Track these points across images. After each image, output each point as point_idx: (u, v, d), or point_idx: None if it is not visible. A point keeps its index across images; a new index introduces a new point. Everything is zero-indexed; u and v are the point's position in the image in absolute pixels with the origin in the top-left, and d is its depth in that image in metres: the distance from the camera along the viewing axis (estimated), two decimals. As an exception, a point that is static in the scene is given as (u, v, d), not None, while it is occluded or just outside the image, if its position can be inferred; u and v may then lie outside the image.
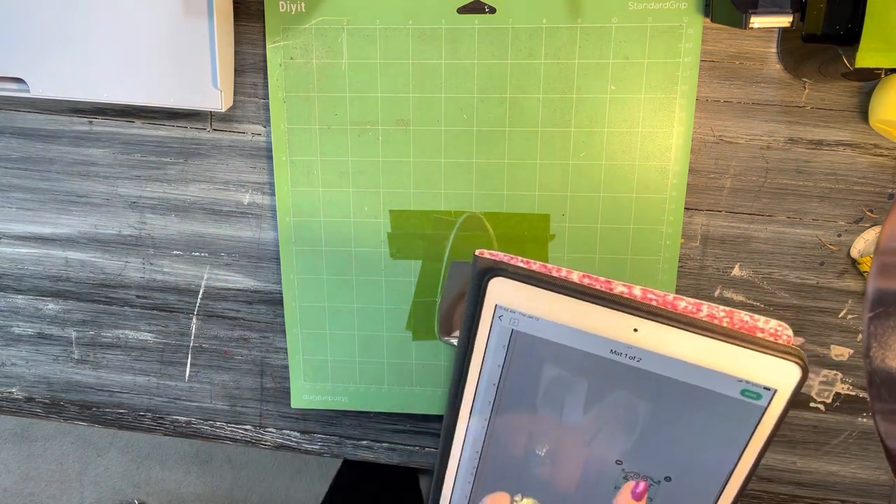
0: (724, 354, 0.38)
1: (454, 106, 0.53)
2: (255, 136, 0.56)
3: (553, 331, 0.41)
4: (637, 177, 0.53)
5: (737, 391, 0.39)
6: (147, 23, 0.50)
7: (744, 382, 0.39)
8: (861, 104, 0.51)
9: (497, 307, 0.42)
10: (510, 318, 0.42)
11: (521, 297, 0.41)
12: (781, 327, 0.38)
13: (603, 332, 0.40)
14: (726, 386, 0.39)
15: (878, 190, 0.52)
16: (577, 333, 0.41)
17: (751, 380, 0.39)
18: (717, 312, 0.39)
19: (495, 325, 0.42)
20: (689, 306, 0.39)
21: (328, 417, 0.61)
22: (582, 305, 0.40)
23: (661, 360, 0.40)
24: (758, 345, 0.38)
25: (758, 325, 0.38)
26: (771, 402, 0.39)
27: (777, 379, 0.38)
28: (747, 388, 0.39)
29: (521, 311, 0.41)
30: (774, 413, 0.39)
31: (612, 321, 0.40)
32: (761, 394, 0.39)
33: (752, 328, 0.38)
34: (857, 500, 0.59)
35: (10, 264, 0.61)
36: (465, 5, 0.51)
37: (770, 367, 0.38)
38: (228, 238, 0.58)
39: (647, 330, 0.39)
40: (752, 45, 0.51)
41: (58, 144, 0.58)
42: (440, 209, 0.55)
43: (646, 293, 0.40)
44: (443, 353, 0.58)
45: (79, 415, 0.64)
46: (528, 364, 0.43)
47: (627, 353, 0.40)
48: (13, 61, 0.51)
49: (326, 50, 0.53)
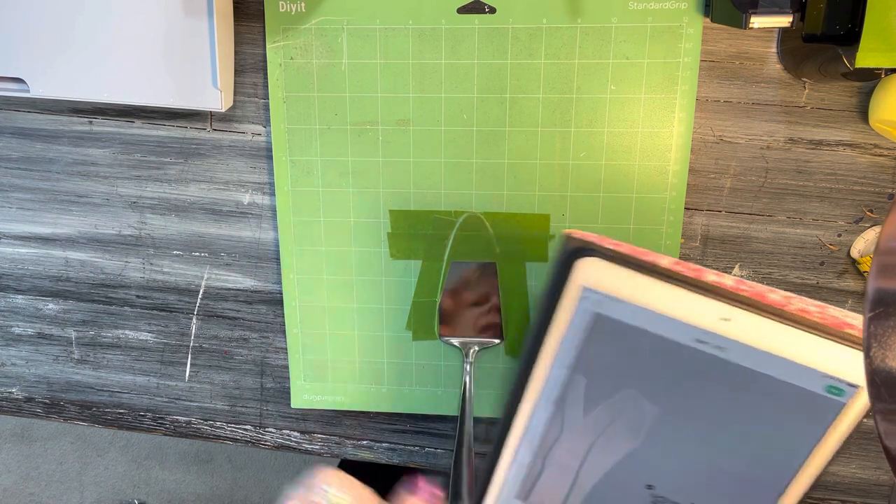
0: (812, 348, 0.38)
1: (454, 106, 0.53)
2: (255, 136, 0.56)
3: (639, 315, 0.40)
4: (637, 177, 0.53)
5: (821, 387, 0.38)
6: (147, 23, 0.50)
7: (829, 378, 0.38)
8: (861, 104, 0.51)
9: (583, 288, 0.41)
10: (595, 301, 0.41)
11: (610, 279, 0.40)
12: None
13: (691, 320, 0.39)
14: (811, 381, 0.38)
15: (878, 190, 0.52)
16: (664, 319, 0.40)
17: (837, 375, 0.38)
18: (809, 307, 0.38)
19: (578, 308, 0.41)
20: (779, 298, 0.38)
21: (328, 417, 0.61)
22: (673, 290, 0.39)
23: (746, 351, 0.39)
24: (848, 340, 0.37)
25: (847, 320, 0.38)
26: (852, 400, 0.38)
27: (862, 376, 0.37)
28: (833, 385, 0.38)
29: (607, 293, 0.40)
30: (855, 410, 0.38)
31: (702, 308, 0.39)
32: (845, 390, 0.38)
33: (841, 323, 0.38)
34: (857, 500, 0.59)
35: (10, 264, 0.61)
36: (465, 5, 0.51)
37: (858, 362, 0.37)
38: (228, 238, 0.58)
39: (738, 319, 0.38)
40: (752, 45, 0.51)
41: (58, 144, 0.58)
42: (440, 209, 0.55)
43: (738, 283, 0.39)
44: (443, 353, 0.58)
45: (79, 415, 0.64)
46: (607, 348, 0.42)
47: (713, 343, 0.39)
48: (13, 61, 0.51)
49: (326, 50, 0.53)
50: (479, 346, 0.56)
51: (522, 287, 0.56)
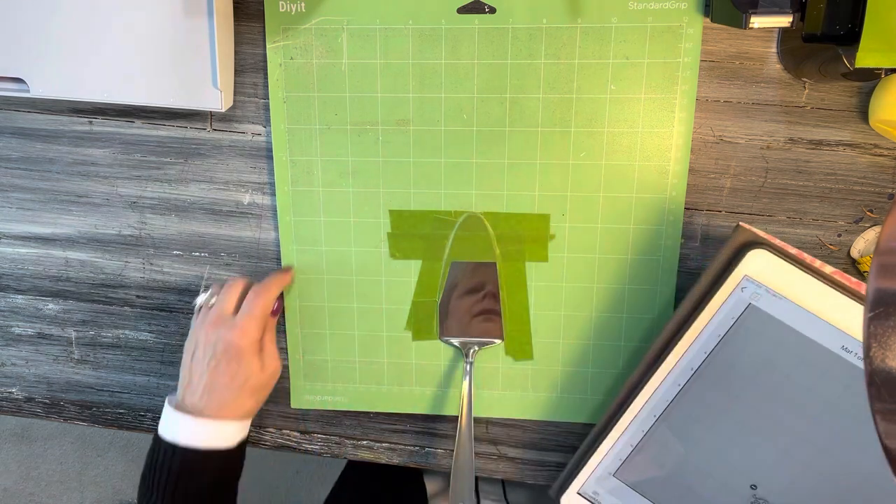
0: None
1: (454, 106, 0.53)
2: (255, 136, 0.56)
3: (791, 313, 0.41)
4: (637, 177, 0.53)
5: None
6: (147, 23, 0.50)
7: None
8: (861, 104, 0.51)
9: (745, 278, 0.42)
10: (752, 292, 0.42)
11: (774, 274, 0.41)
12: None
13: (843, 327, 0.40)
14: None
15: (878, 190, 0.52)
16: (816, 322, 0.41)
17: None
18: None
19: (734, 296, 0.43)
20: None
21: (328, 417, 0.61)
22: (834, 295, 0.40)
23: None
24: None
25: None
26: None
27: None
28: None
29: (768, 286, 0.42)
30: None
31: (856, 318, 0.40)
32: None
33: None
34: (857, 500, 0.58)
35: (10, 264, 0.61)
36: (465, 5, 0.51)
37: None
38: (228, 238, 0.58)
39: None
40: (752, 45, 0.51)
41: (58, 144, 0.58)
42: (440, 209, 0.55)
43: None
44: (442, 353, 0.58)
45: (79, 415, 0.64)
46: (750, 341, 0.43)
47: (859, 353, 0.40)
48: (13, 61, 0.51)
49: (326, 50, 0.53)
50: (479, 346, 0.56)
51: (522, 287, 0.56)
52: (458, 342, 0.56)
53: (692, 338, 0.44)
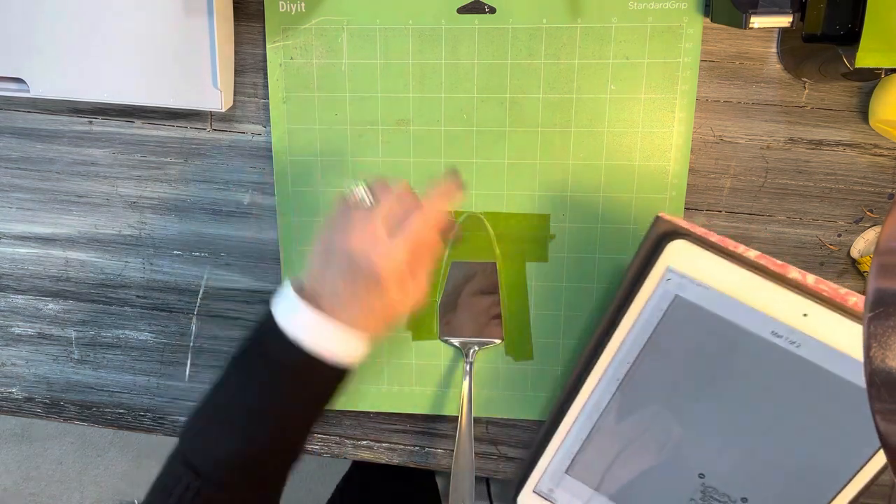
0: None
1: (454, 106, 0.53)
2: (255, 136, 0.56)
3: (718, 302, 0.41)
4: (637, 177, 0.53)
5: None
6: (147, 23, 0.50)
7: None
8: (861, 104, 0.51)
9: (668, 270, 0.41)
10: (678, 283, 0.42)
11: (696, 263, 0.41)
12: None
13: (770, 312, 0.40)
14: None
15: (878, 190, 0.52)
16: (743, 309, 0.40)
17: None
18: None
19: (660, 288, 0.42)
20: (859, 302, 0.38)
21: (328, 417, 0.61)
22: (758, 281, 0.40)
23: (821, 349, 0.39)
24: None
25: None
26: None
27: None
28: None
29: (691, 277, 0.41)
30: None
31: (783, 302, 0.39)
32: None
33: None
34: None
35: (10, 264, 0.61)
36: (465, 5, 0.51)
37: None
38: (228, 238, 0.58)
39: (817, 317, 0.39)
40: (752, 45, 0.51)
41: (58, 144, 0.58)
42: (440, 209, 0.55)
43: (818, 283, 0.39)
44: (442, 353, 0.58)
45: (79, 415, 0.64)
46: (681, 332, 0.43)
47: (789, 337, 0.40)
48: (13, 61, 0.51)
49: (326, 50, 0.53)
50: (479, 346, 0.56)
51: (522, 287, 0.56)
52: (458, 342, 0.56)
53: (625, 331, 0.44)
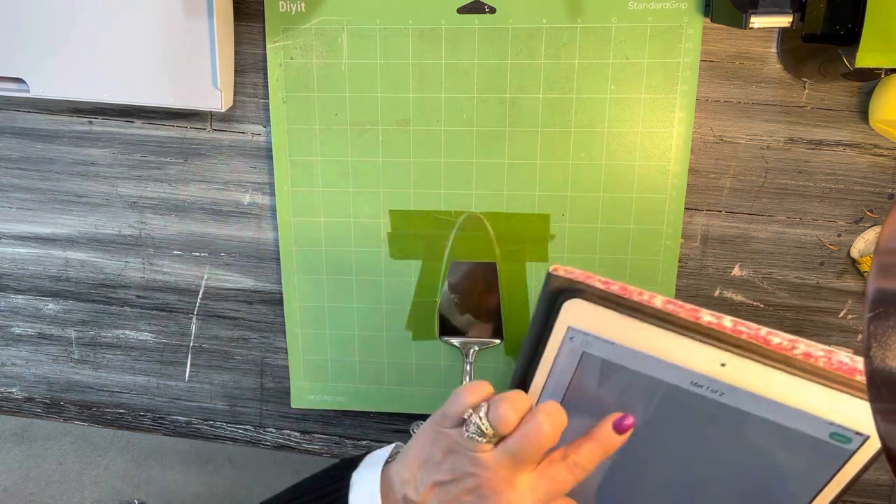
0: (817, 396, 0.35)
1: (454, 106, 0.53)
2: (255, 136, 0.56)
3: (630, 357, 0.38)
4: (637, 177, 0.53)
5: (825, 434, 0.36)
6: (147, 23, 0.50)
7: (835, 426, 0.35)
8: (861, 104, 0.51)
9: (569, 329, 0.38)
10: (582, 341, 0.38)
11: (597, 320, 0.37)
12: None
13: (686, 364, 0.37)
14: (814, 427, 0.36)
15: (878, 190, 0.52)
16: (657, 362, 0.37)
17: (844, 424, 0.35)
18: (815, 352, 0.35)
19: (565, 347, 0.39)
20: (783, 343, 0.36)
21: (328, 417, 0.61)
22: (665, 335, 0.36)
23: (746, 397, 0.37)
24: (856, 389, 0.34)
25: (858, 367, 0.35)
26: (861, 448, 0.36)
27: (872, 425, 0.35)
28: (838, 432, 0.35)
29: (595, 334, 0.38)
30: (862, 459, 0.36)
31: (697, 353, 0.36)
32: (851, 438, 0.35)
33: (851, 370, 0.35)
34: (857, 499, 0.59)
35: (10, 264, 0.61)
36: (465, 5, 0.51)
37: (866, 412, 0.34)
38: (228, 238, 0.58)
39: (736, 365, 0.36)
40: (752, 45, 0.51)
41: (58, 144, 0.58)
42: (440, 209, 0.55)
43: (736, 325, 0.36)
44: (442, 353, 0.58)
45: (79, 415, 0.64)
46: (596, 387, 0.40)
47: (710, 387, 0.37)
48: (13, 61, 0.51)
49: (326, 50, 0.53)
50: (478, 346, 0.56)
51: (522, 287, 0.56)
52: (458, 342, 0.56)
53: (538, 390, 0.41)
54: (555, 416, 0.37)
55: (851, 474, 0.37)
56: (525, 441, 0.36)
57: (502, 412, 0.37)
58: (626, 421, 0.38)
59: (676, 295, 0.55)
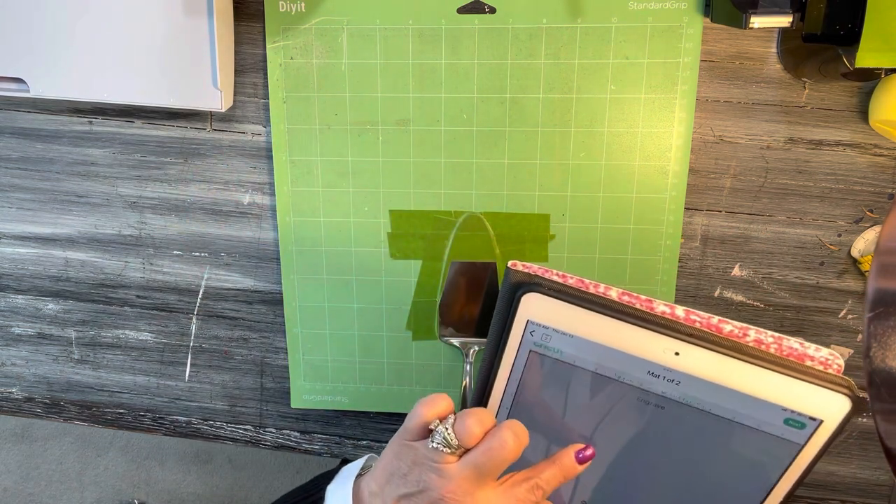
0: (769, 382, 0.36)
1: (454, 106, 0.53)
2: (255, 136, 0.56)
3: (588, 349, 0.39)
4: (637, 177, 0.53)
5: (780, 420, 0.37)
6: (147, 23, 0.50)
7: (789, 411, 0.37)
8: (861, 104, 0.51)
9: (529, 322, 0.40)
10: (542, 334, 0.40)
11: (555, 313, 0.39)
12: (832, 356, 0.36)
13: (642, 354, 0.38)
14: (769, 413, 0.37)
15: (878, 190, 0.52)
16: (614, 353, 0.39)
17: (796, 409, 0.36)
18: (765, 338, 0.37)
19: (525, 339, 0.40)
20: (735, 330, 0.37)
21: (328, 417, 0.61)
22: (621, 326, 0.38)
23: (701, 385, 0.38)
24: (806, 374, 0.36)
25: (808, 352, 0.36)
26: (815, 433, 0.37)
27: (824, 409, 0.36)
28: (792, 418, 0.37)
29: (554, 327, 0.39)
30: (817, 443, 0.37)
31: (652, 343, 0.38)
32: (806, 423, 0.37)
33: (801, 356, 0.36)
34: (857, 500, 0.59)
35: (10, 264, 0.61)
36: (465, 5, 0.51)
37: (818, 396, 0.36)
38: (228, 238, 0.58)
39: (690, 354, 0.37)
40: (752, 45, 0.51)
41: (58, 144, 0.58)
42: (440, 209, 0.55)
43: (689, 314, 0.38)
44: (442, 353, 0.58)
45: (79, 415, 0.64)
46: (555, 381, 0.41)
47: (666, 376, 0.38)
48: (13, 61, 0.51)
49: (326, 50, 0.53)
50: (478, 346, 0.56)
51: (522, 287, 0.56)
52: (458, 342, 0.56)
53: (503, 383, 0.42)
54: (519, 432, 0.38)
55: (807, 461, 0.38)
56: (489, 454, 0.37)
57: (468, 425, 0.38)
58: (588, 451, 0.39)
59: (676, 295, 0.55)
